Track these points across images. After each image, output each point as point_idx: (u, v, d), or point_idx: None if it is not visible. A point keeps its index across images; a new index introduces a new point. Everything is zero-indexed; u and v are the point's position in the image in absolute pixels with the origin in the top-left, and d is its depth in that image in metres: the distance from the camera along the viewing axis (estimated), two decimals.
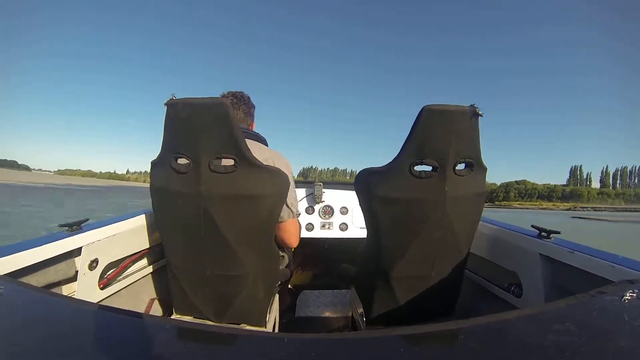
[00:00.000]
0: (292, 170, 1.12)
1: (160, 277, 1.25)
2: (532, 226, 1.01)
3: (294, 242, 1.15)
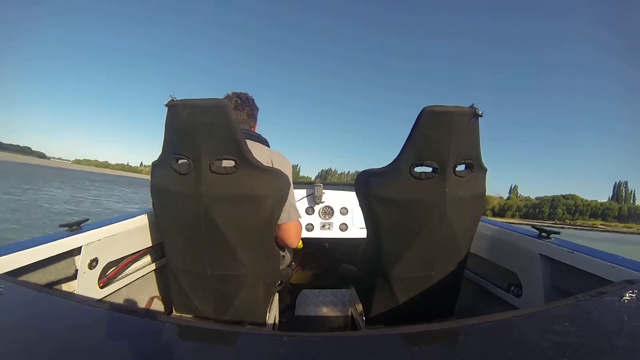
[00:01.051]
0: (292, 171, 1.12)
1: (160, 277, 1.25)
2: (532, 226, 1.01)
3: (294, 243, 1.15)
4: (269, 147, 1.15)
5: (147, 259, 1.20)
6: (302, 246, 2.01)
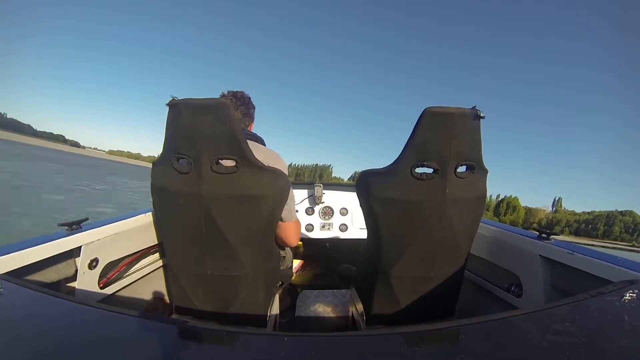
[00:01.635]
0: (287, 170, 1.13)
1: (160, 277, 1.25)
2: (533, 228, 1.01)
3: (293, 242, 1.16)
4: (264, 145, 1.15)
5: (148, 259, 1.20)
6: (302, 249, 2.01)
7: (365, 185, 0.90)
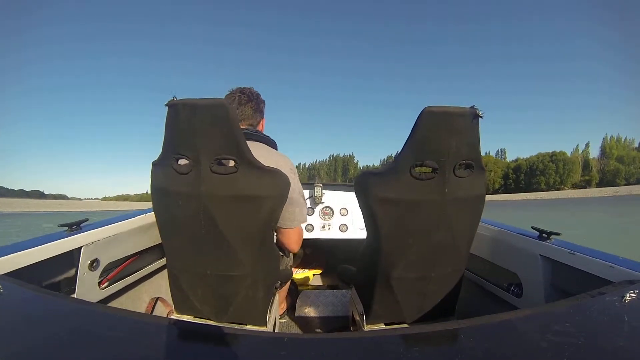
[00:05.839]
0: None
1: (160, 277, 1.26)
2: (532, 227, 1.01)
3: (295, 249, 1.16)
4: (276, 149, 1.14)
5: (148, 259, 1.20)
6: (303, 255, 2.01)
7: (364, 185, 0.90)
